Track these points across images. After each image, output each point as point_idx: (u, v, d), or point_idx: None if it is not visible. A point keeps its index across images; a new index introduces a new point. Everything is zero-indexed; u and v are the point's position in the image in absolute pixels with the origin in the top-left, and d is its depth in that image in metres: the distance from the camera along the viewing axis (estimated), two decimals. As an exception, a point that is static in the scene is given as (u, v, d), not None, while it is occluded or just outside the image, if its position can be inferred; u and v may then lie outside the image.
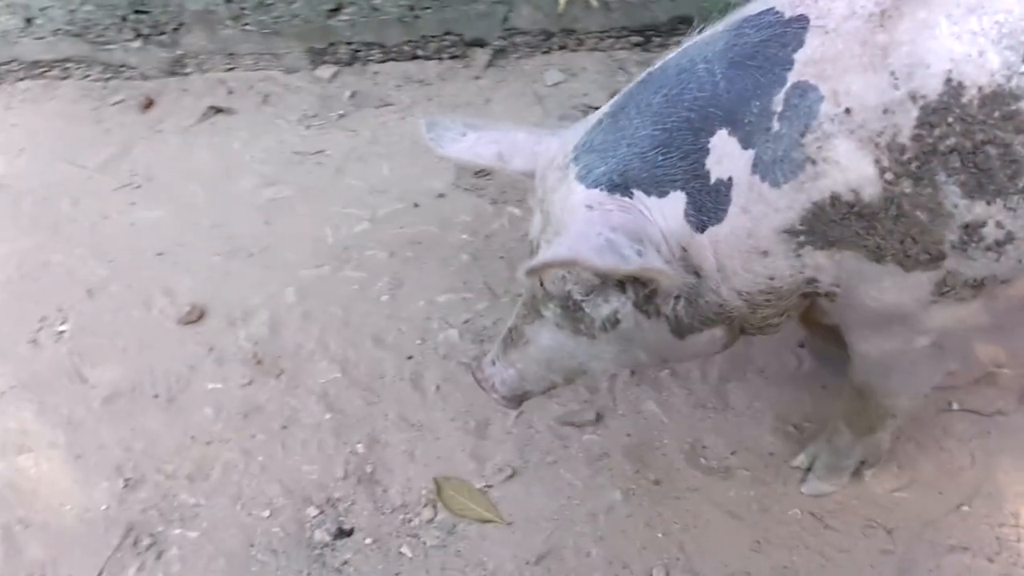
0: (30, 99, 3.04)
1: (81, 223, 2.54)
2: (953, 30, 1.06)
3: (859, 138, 1.11)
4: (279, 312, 2.18)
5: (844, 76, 1.11)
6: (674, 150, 1.22)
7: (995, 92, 1.05)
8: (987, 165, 1.08)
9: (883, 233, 1.16)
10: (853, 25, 1.11)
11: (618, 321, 1.37)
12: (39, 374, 2.13)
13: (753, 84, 1.16)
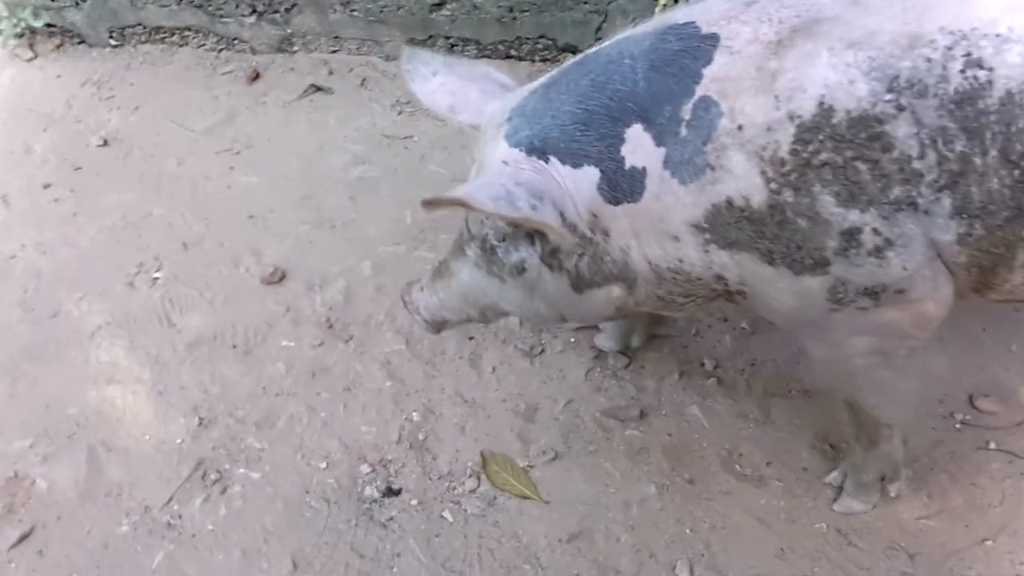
0: (149, 62, 3.25)
1: (183, 181, 2.73)
2: (831, 61, 1.20)
3: (748, 152, 1.25)
4: (354, 283, 2.32)
5: (740, 96, 1.25)
6: (592, 130, 1.36)
7: (862, 116, 1.19)
8: (858, 178, 1.21)
9: (771, 237, 1.29)
10: (753, 50, 1.25)
11: (524, 269, 1.52)
12: (132, 314, 2.32)
13: (667, 90, 1.30)
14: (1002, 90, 1.13)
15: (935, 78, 1.16)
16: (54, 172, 2.83)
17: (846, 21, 1.21)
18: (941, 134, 1.17)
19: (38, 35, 3.37)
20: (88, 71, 3.26)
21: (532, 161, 1.39)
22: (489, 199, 1.32)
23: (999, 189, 1.18)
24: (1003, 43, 1.13)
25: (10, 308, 2.37)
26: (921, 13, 1.18)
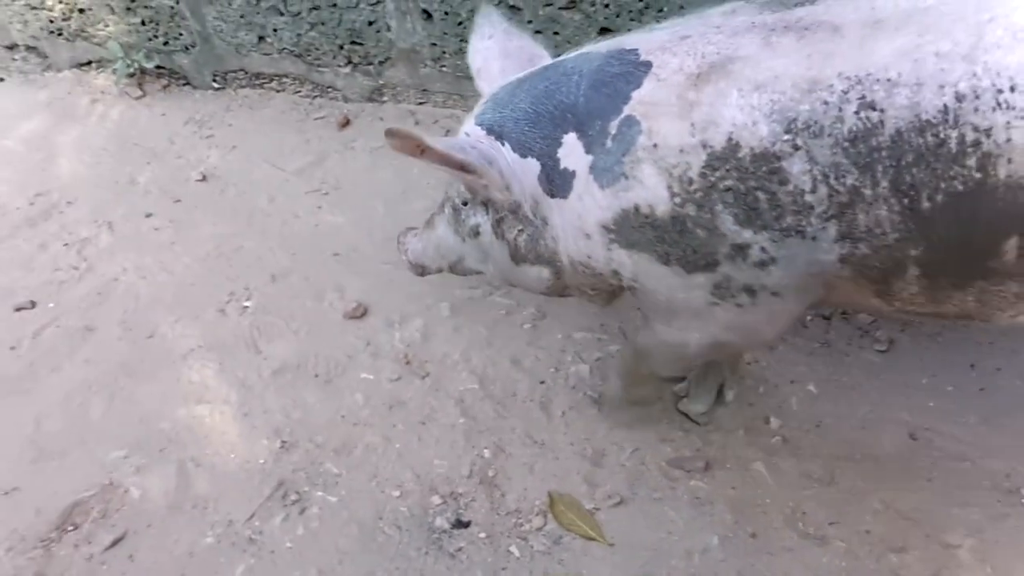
0: (247, 105, 3.46)
1: (274, 218, 2.89)
2: (739, 103, 1.35)
3: (659, 167, 1.43)
4: (432, 322, 2.42)
5: (659, 119, 1.42)
6: (537, 129, 1.60)
7: (763, 153, 1.33)
8: (756, 205, 1.37)
9: (669, 242, 1.47)
10: (677, 79, 1.42)
11: (479, 233, 1.80)
12: (223, 339, 2.45)
13: (601, 107, 1.50)
14: (892, 129, 1.25)
15: (831, 119, 1.29)
16: (156, 203, 3.02)
17: (756, 62, 1.36)
18: (834, 170, 1.30)
19: (147, 75, 3.62)
20: (191, 111, 3.48)
21: (489, 139, 1.65)
22: (443, 144, 1.57)
23: (888, 215, 1.30)
24: (893, 87, 1.25)
25: (111, 327, 2.52)
26: (823, 59, 1.31)
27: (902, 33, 1.27)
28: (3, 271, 2.78)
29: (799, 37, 1.35)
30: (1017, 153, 1.20)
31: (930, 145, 1.24)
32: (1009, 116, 1.19)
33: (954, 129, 1.22)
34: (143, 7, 3.41)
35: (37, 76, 3.84)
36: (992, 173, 1.22)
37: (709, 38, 1.43)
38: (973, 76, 1.20)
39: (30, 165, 3.28)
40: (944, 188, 1.25)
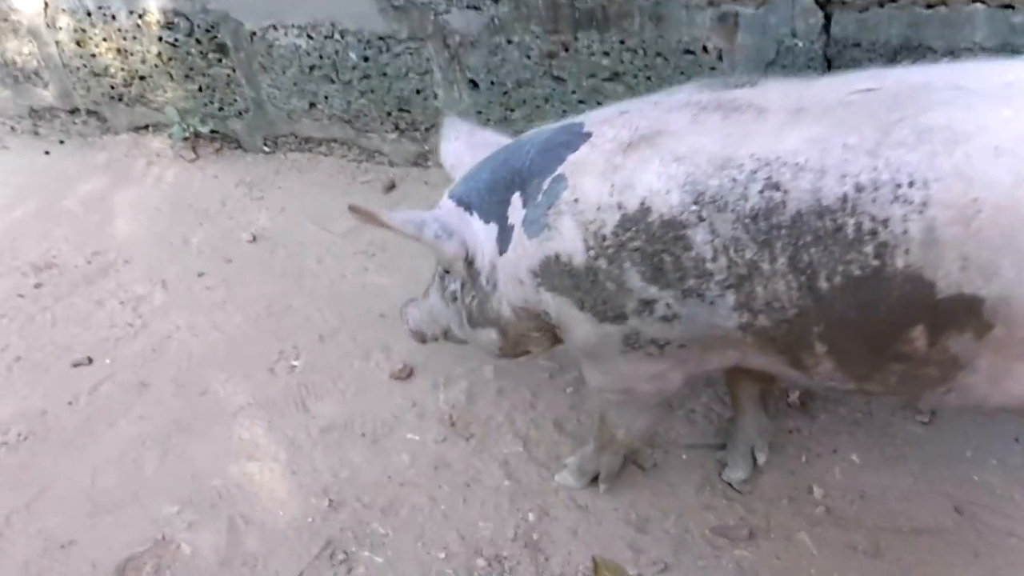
0: (296, 168, 3.58)
1: (322, 278, 2.98)
2: (658, 170, 1.46)
3: (578, 221, 1.54)
4: (477, 384, 2.47)
5: (584, 178, 1.55)
6: (495, 195, 1.75)
7: (671, 220, 1.44)
8: (661, 266, 1.47)
9: (584, 290, 1.58)
10: (609, 147, 1.55)
11: (455, 299, 1.95)
12: (272, 398, 2.52)
13: (541, 168, 1.64)
14: (792, 210, 1.34)
15: (736, 196, 1.38)
16: (208, 262, 3.12)
17: (681, 136, 1.47)
18: (734, 243, 1.39)
19: (201, 139, 3.76)
20: (242, 173, 3.61)
21: (459, 210, 1.82)
22: (400, 220, 1.76)
23: (787, 291, 1.38)
24: (799, 171, 1.34)
25: (165, 383, 2.60)
26: (740, 139, 1.41)
27: (818, 123, 1.36)
28: (62, 328, 2.88)
29: (725, 116, 1.45)
30: (914, 245, 1.27)
31: (828, 229, 1.32)
32: (906, 209, 1.26)
33: (852, 217, 1.30)
34: (201, 75, 3.56)
35: (96, 139, 4.00)
36: (890, 262, 1.29)
37: (645, 113, 1.57)
38: (874, 169, 1.28)
39: (88, 225, 3.41)
40: (842, 271, 1.33)
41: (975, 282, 1.26)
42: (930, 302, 1.30)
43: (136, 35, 3.55)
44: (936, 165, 1.25)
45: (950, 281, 1.27)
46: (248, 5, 3.24)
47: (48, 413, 2.54)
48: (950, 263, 1.26)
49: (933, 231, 1.25)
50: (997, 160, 1.21)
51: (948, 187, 1.24)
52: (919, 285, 1.29)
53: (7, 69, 4.00)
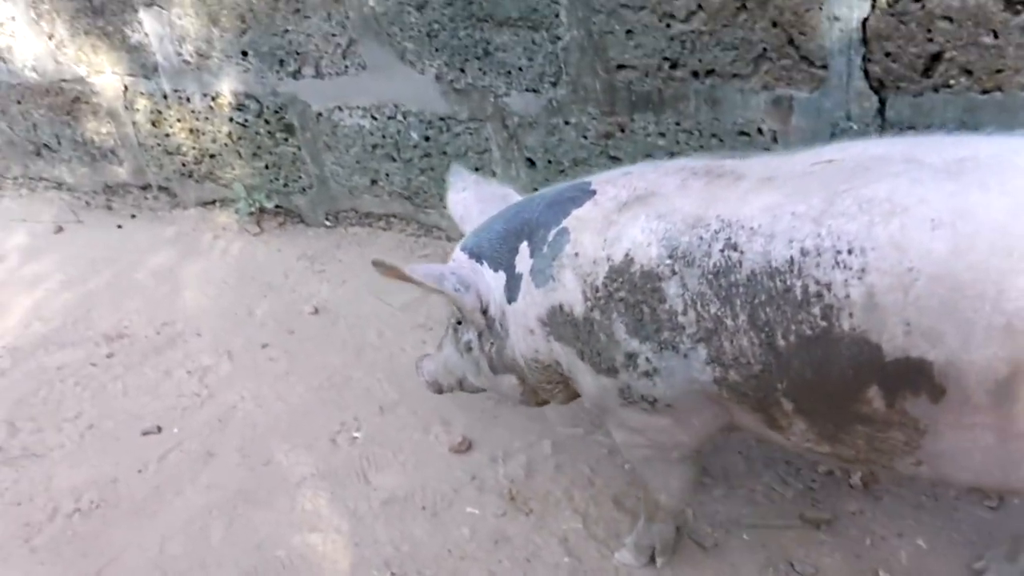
0: (356, 242, 3.70)
1: (382, 351, 3.05)
2: (644, 225, 1.56)
3: (577, 274, 1.65)
4: (535, 459, 2.50)
5: (584, 233, 1.66)
6: (505, 244, 1.85)
7: (650, 271, 1.54)
8: (641, 317, 1.56)
9: (583, 340, 1.67)
10: (609, 205, 1.66)
11: (471, 348, 2.03)
12: (334, 469, 2.57)
13: (548, 220, 1.75)
14: (747, 270, 1.42)
15: (701, 253, 1.48)
16: (271, 334, 3.22)
17: (667, 198, 1.58)
18: (700, 298, 1.48)
19: (266, 214, 3.92)
20: (304, 247, 3.74)
21: (471, 262, 1.92)
22: (422, 274, 1.85)
23: (749, 347, 1.45)
24: (753, 234, 1.42)
25: (230, 453, 2.67)
26: (712, 202, 1.51)
27: (778, 191, 1.45)
28: (132, 397, 2.98)
29: (708, 182, 1.56)
30: (857, 309, 1.32)
31: (779, 289, 1.39)
32: (847, 275, 1.32)
33: (798, 279, 1.37)
34: (268, 153, 3.73)
35: (165, 213, 4.19)
36: (836, 324, 1.35)
37: (645, 175, 1.69)
38: (817, 236, 1.36)
39: (158, 296, 3.54)
40: (795, 330, 1.39)
41: (921, 346, 1.29)
42: (879, 364, 1.34)
43: (208, 116, 3.74)
44: (873, 234, 1.31)
45: (896, 345, 1.31)
46: (316, 88, 3.40)
47: (119, 481, 2.61)
48: (893, 327, 1.30)
49: (873, 297, 1.31)
50: (933, 232, 1.26)
51: (884, 256, 1.29)
52: (866, 347, 1.34)
53: (85, 148, 4.23)
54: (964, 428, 1.35)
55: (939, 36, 2.14)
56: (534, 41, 2.80)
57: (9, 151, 4.59)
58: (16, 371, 3.20)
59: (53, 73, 4.03)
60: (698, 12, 2.44)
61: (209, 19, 3.41)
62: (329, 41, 3.22)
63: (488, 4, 2.79)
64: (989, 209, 1.24)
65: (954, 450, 1.39)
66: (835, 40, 2.28)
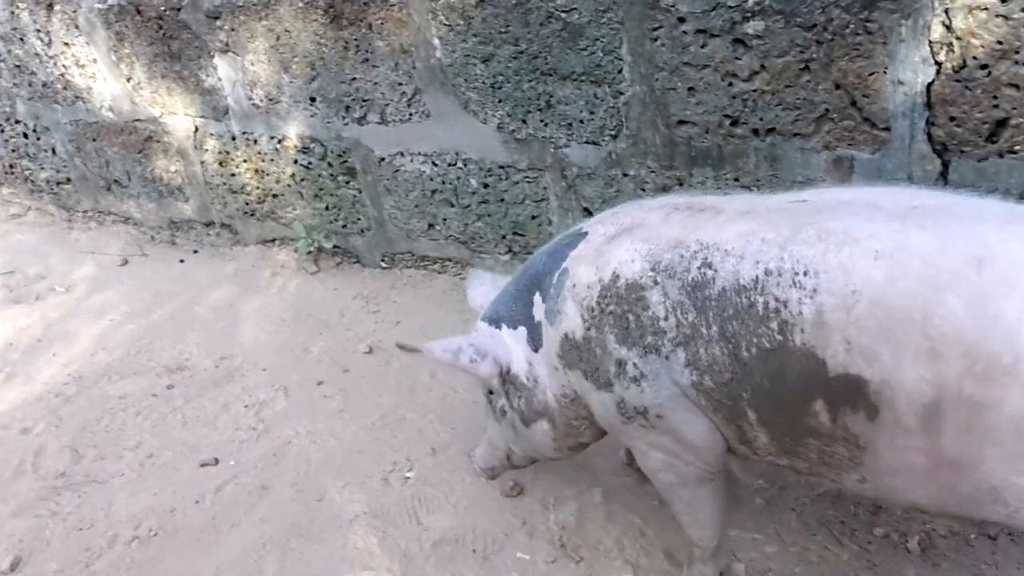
0: (411, 284, 3.77)
1: (434, 392, 3.09)
2: (628, 247, 1.75)
3: (576, 302, 1.84)
4: (586, 507, 2.50)
5: (580, 267, 1.86)
6: (519, 301, 2.07)
7: (634, 283, 1.72)
8: (627, 326, 1.73)
9: (586, 360, 1.85)
10: (599, 240, 1.86)
11: (504, 412, 2.22)
12: (386, 508, 2.60)
13: (550, 267, 1.96)
14: (719, 286, 1.59)
15: (681, 268, 1.66)
16: (326, 371, 3.28)
17: (651, 227, 1.77)
18: (679, 306, 1.65)
19: (323, 253, 4.01)
20: (360, 287, 3.82)
21: (491, 329, 2.13)
22: (440, 350, 2.09)
23: (720, 356, 1.60)
24: (727, 255, 1.60)
25: (284, 488, 2.72)
26: (693, 230, 1.70)
27: (753, 222, 1.62)
28: (191, 428, 3.05)
29: (690, 216, 1.75)
30: (808, 325, 1.48)
31: (744, 305, 1.56)
32: (801, 294, 1.48)
33: (761, 296, 1.53)
34: (329, 195, 3.84)
35: (226, 250, 4.31)
36: (790, 338, 1.50)
37: (631, 212, 1.88)
38: (780, 259, 1.52)
39: (217, 330, 3.64)
40: (756, 343, 1.55)
41: (859, 364, 1.43)
42: (824, 378, 1.48)
43: (274, 157, 3.87)
44: (827, 259, 1.47)
45: (838, 361, 1.46)
46: (379, 134, 3.51)
47: (176, 511, 2.67)
48: (836, 344, 1.45)
49: (821, 314, 1.46)
50: (875, 261, 1.42)
51: (833, 278, 1.45)
52: (813, 362, 1.49)
53: (154, 185, 4.39)
54: (899, 450, 1.47)
55: (1005, 103, 2.16)
56: (596, 95, 2.87)
57: (82, 186, 4.77)
58: (81, 398, 3.30)
59: (128, 113, 4.21)
60: (761, 72, 2.49)
61: (281, 66, 3.55)
62: (395, 89, 3.33)
63: (553, 59, 2.87)
64: (922, 245, 1.40)
65: (892, 470, 1.52)
66: (899, 103, 2.31)
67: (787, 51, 2.41)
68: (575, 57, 2.83)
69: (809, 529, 2.29)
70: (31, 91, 4.54)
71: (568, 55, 2.84)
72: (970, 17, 2.11)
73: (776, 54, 2.44)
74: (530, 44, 2.89)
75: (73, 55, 4.18)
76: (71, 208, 4.95)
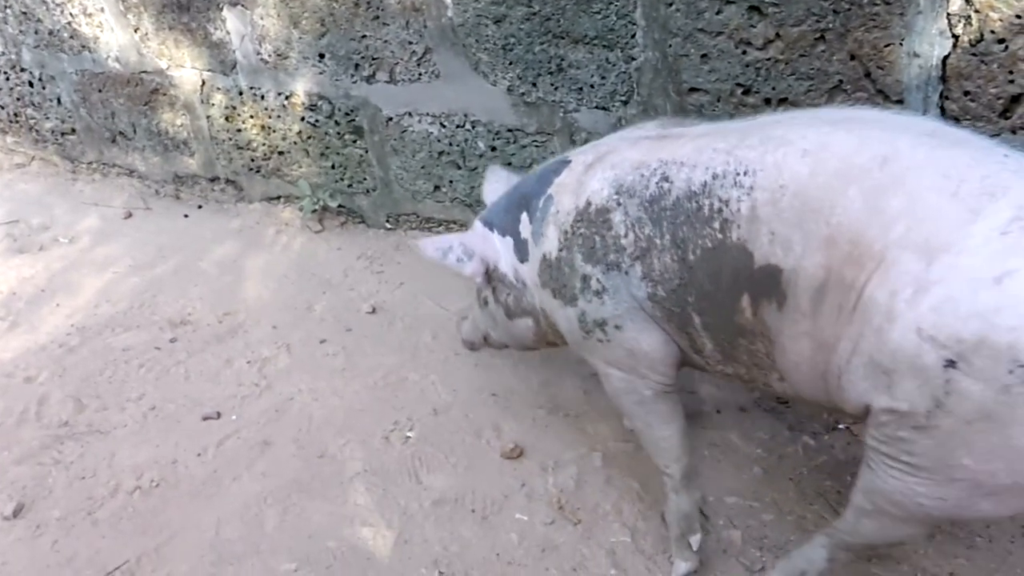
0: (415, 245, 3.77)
1: (437, 354, 3.10)
2: (599, 176, 1.91)
3: (557, 226, 1.99)
4: (585, 471, 2.52)
5: (563, 195, 2.00)
6: (510, 214, 2.21)
7: (602, 207, 1.87)
8: (593, 245, 1.89)
9: (555, 279, 2.02)
10: (579, 169, 1.99)
11: (487, 302, 2.41)
12: (386, 466, 2.62)
13: (537, 191, 2.10)
14: (674, 196, 1.74)
15: (641, 186, 1.80)
16: (329, 330, 3.29)
17: (620, 153, 1.92)
18: (638, 222, 1.80)
19: (328, 212, 4.00)
20: (364, 247, 3.81)
21: (484, 230, 2.28)
22: (431, 248, 2.27)
23: (671, 263, 1.76)
24: (681, 167, 1.75)
25: (286, 443, 2.74)
26: (655, 152, 1.84)
27: (707, 137, 1.76)
28: (193, 382, 3.07)
29: (656, 140, 1.89)
30: (743, 221, 1.61)
31: (693, 209, 1.70)
32: (740, 192, 1.62)
33: (708, 199, 1.67)
34: (336, 153, 3.82)
35: (231, 206, 4.30)
36: (728, 235, 1.64)
37: (608, 142, 2.03)
38: (726, 163, 1.66)
39: (221, 286, 3.64)
40: (700, 244, 1.69)
41: (777, 254, 1.57)
42: (750, 271, 1.62)
43: (281, 114, 3.84)
44: (764, 160, 1.60)
45: (762, 252, 1.59)
46: (388, 93, 3.48)
47: (178, 463, 2.70)
48: (763, 236, 1.58)
49: (755, 209, 1.59)
50: (802, 158, 1.55)
51: (768, 175, 1.59)
52: (744, 256, 1.62)
53: (159, 138, 4.36)
54: (794, 338, 1.61)
55: (1021, 78, 2.14)
56: (608, 60, 2.84)
57: (86, 137, 4.75)
58: (84, 349, 3.31)
59: (135, 64, 4.17)
60: (775, 41, 2.46)
61: (290, 20, 3.51)
62: (405, 48, 3.30)
63: (566, 21, 2.84)
64: (843, 144, 1.53)
65: (794, 363, 1.66)
66: (913, 76, 2.29)
67: (803, 20, 2.38)
68: (588, 20, 2.79)
69: (806, 499, 2.32)
70: (36, 39, 4.50)
71: (581, 18, 2.80)
72: (991, -10, 2.09)
73: (792, 23, 2.41)
74: (543, 5, 2.86)
75: (80, 3, 4.14)
76: (75, 159, 4.93)
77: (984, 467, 1.42)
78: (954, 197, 1.39)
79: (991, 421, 1.36)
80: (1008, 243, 1.32)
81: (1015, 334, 1.29)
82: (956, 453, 1.43)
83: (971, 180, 1.39)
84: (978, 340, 1.32)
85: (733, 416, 2.67)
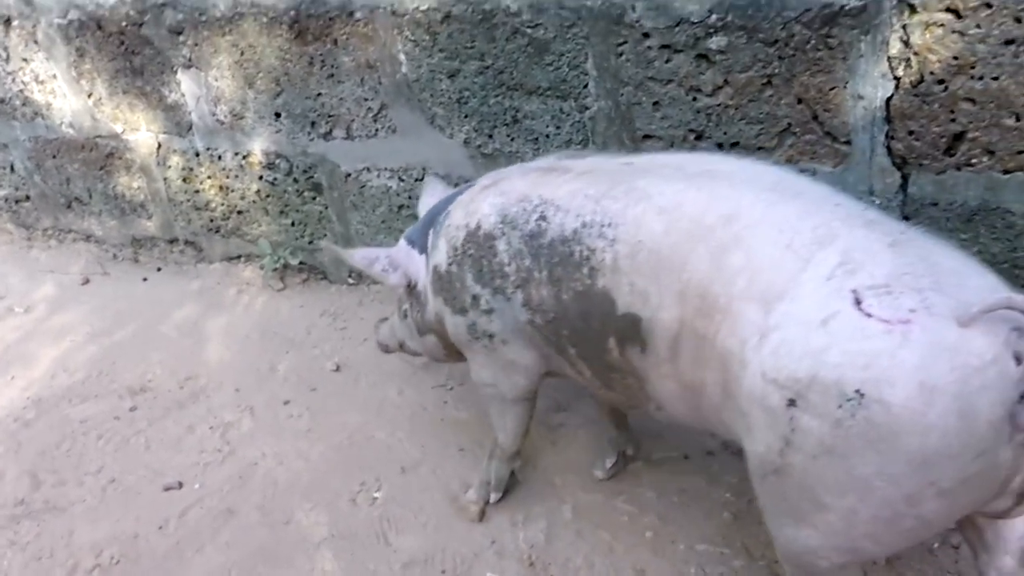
0: (378, 300, 3.73)
1: (403, 410, 3.06)
2: (489, 201, 2.03)
3: (447, 239, 2.13)
4: (555, 524, 2.48)
5: (457, 210, 2.13)
6: (423, 232, 2.31)
7: (488, 232, 2.00)
8: (481, 268, 2.03)
9: (446, 290, 2.15)
10: (477, 188, 2.12)
11: (406, 315, 2.52)
12: (354, 529, 2.56)
13: (443, 207, 2.24)
14: (549, 236, 1.87)
15: (523, 219, 1.93)
16: (293, 390, 3.24)
17: (511, 181, 2.04)
18: (519, 253, 1.93)
19: (289, 270, 3.97)
20: (326, 304, 3.78)
21: (407, 247, 2.37)
22: (359, 257, 2.39)
23: (547, 297, 1.90)
24: (557, 210, 1.88)
25: (250, 511, 2.67)
26: (539, 186, 1.95)
27: (584, 180, 1.87)
28: (154, 452, 2.99)
29: (543, 174, 1.99)
30: (607, 270, 1.75)
31: (566, 253, 1.83)
32: (604, 243, 1.75)
33: (578, 245, 1.81)
34: (295, 211, 3.80)
35: (191, 268, 4.25)
36: (595, 282, 1.78)
37: (508, 170, 2.16)
38: (593, 212, 1.79)
39: (182, 350, 3.58)
40: (572, 286, 1.83)
41: (636, 304, 1.70)
42: (614, 317, 1.75)
43: (239, 174, 3.82)
44: (625, 214, 1.73)
45: (624, 301, 1.73)
46: (345, 149, 3.48)
47: (140, 537, 2.62)
48: (624, 287, 1.72)
49: (616, 261, 1.73)
50: (658, 216, 1.67)
51: (628, 230, 1.71)
52: (608, 302, 1.76)
53: (116, 202, 4.32)
54: (661, 377, 1.75)
55: (962, 117, 2.19)
56: (562, 110, 2.87)
57: (41, 203, 4.69)
58: (40, 422, 3.23)
59: (89, 129, 4.14)
60: (724, 87, 2.50)
61: (245, 81, 3.51)
62: (361, 105, 3.31)
63: (519, 74, 2.87)
64: (694, 204, 1.64)
65: (664, 396, 1.80)
66: (859, 118, 2.33)
67: (750, 66, 2.43)
68: (541, 72, 2.83)
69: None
70: (-11, 108, 4.46)
71: (534, 70, 2.84)
72: (927, 33, 2.14)
73: (739, 69, 2.45)
74: (496, 59, 2.89)
75: (32, 71, 4.11)
76: (30, 226, 4.86)
77: (842, 503, 1.43)
78: (788, 249, 1.49)
79: (833, 455, 1.39)
80: (832, 287, 1.40)
81: (840, 370, 1.34)
82: (816, 491, 1.45)
83: (803, 231, 1.49)
84: (811, 378, 1.38)
85: (701, 461, 2.65)
